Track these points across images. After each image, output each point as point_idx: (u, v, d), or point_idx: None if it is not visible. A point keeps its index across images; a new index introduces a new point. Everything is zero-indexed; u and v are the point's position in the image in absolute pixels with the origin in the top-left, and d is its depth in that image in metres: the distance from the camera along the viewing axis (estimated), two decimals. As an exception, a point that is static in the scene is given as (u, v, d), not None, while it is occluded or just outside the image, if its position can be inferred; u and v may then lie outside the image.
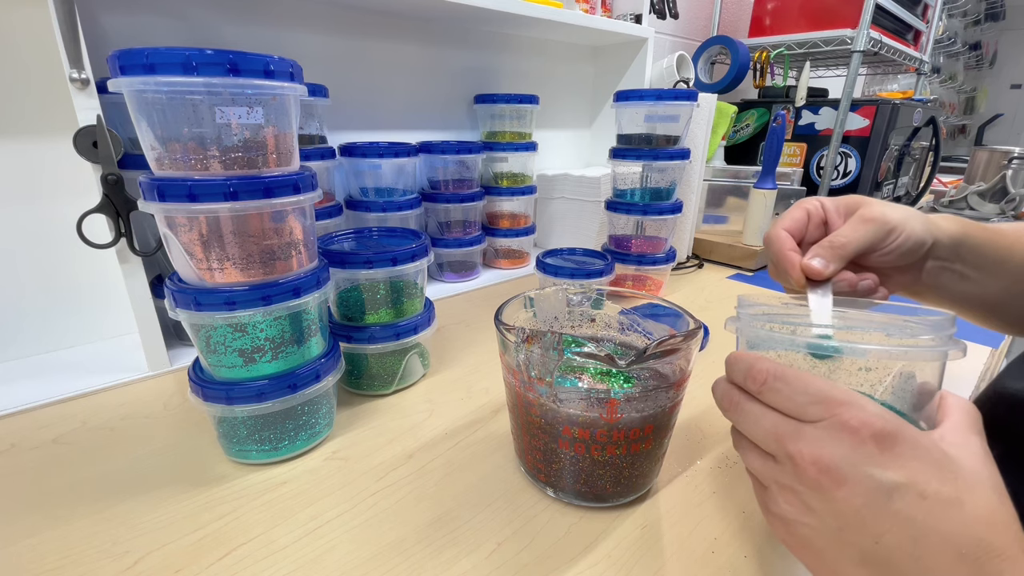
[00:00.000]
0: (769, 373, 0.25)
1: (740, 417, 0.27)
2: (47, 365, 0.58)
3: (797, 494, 0.24)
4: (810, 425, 0.24)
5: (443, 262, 0.88)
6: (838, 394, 0.23)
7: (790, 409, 0.25)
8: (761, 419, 0.26)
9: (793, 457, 0.24)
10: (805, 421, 0.24)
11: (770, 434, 0.25)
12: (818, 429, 0.23)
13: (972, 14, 2.81)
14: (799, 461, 0.23)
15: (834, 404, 0.23)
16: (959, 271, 0.39)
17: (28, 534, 0.36)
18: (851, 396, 0.23)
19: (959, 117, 3.60)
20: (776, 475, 0.25)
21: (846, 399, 0.23)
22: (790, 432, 0.24)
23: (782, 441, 0.24)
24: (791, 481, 0.24)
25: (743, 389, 0.27)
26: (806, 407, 0.24)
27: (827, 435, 0.23)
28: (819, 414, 0.23)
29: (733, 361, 0.28)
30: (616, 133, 0.81)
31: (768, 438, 0.25)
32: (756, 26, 1.33)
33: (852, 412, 0.23)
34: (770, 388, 0.25)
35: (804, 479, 0.23)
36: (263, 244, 0.39)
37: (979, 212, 1.60)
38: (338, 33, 0.77)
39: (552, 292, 0.44)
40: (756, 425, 0.26)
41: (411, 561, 0.34)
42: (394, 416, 0.50)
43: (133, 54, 0.33)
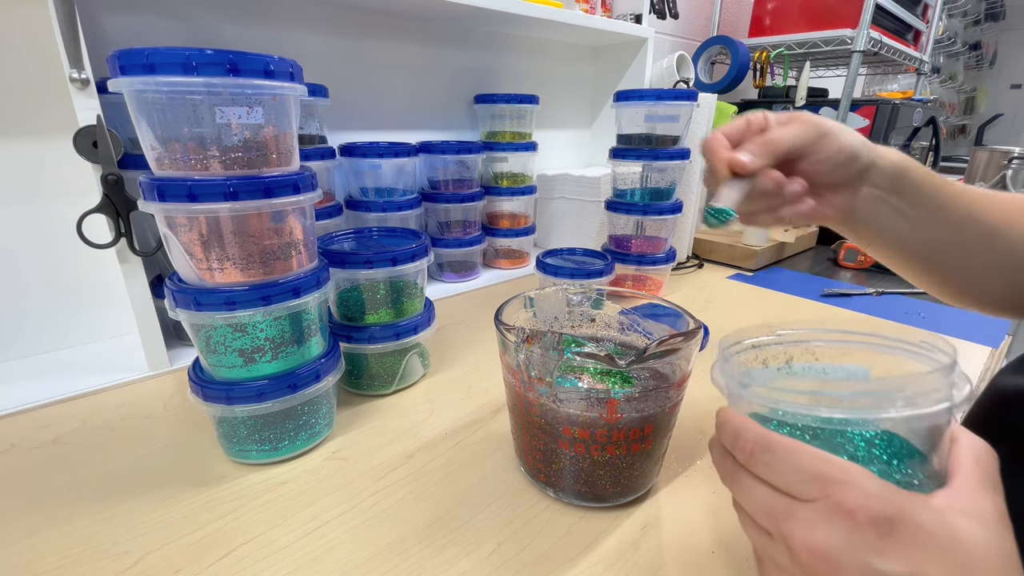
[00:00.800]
0: (756, 444, 0.24)
1: (735, 488, 0.26)
2: (47, 365, 0.58)
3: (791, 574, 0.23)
4: (803, 505, 0.22)
5: (443, 262, 0.88)
6: (832, 471, 0.21)
7: (781, 485, 0.23)
8: (753, 492, 0.24)
9: (786, 538, 0.22)
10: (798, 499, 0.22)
11: (763, 510, 0.24)
12: (811, 510, 0.22)
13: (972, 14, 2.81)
14: (792, 544, 0.22)
15: (828, 483, 0.21)
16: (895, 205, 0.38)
17: (28, 534, 0.36)
18: (846, 472, 0.21)
19: (959, 117, 3.60)
20: (771, 551, 0.24)
21: (841, 477, 0.21)
22: (782, 511, 0.23)
23: (774, 519, 0.23)
24: (786, 562, 0.23)
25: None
26: (798, 484, 0.22)
27: (821, 517, 0.21)
28: (812, 493, 0.22)
29: (721, 424, 0.26)
30: (616, 133, 0.81)
31: (761, 514, 0.24)
32: (756, 26, 1.33)
33: (848, 492, 0.21)
34: (758, 461, 0.24)
35: (798, 562, 0.22)
36: (263, 244, 0.39)
37: (979, 212, 1.60)
38: (338, 33, 0.77)
39: (552, 292, 0.44)
40: (749, 498, 0.24)
41: (411, 561, 0.34)
42: (394, 416, 0.50)
43: (133, 54, 0.33)
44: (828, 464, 0.22)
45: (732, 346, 0.30)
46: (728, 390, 0.27)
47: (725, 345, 0.30)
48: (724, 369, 0.28)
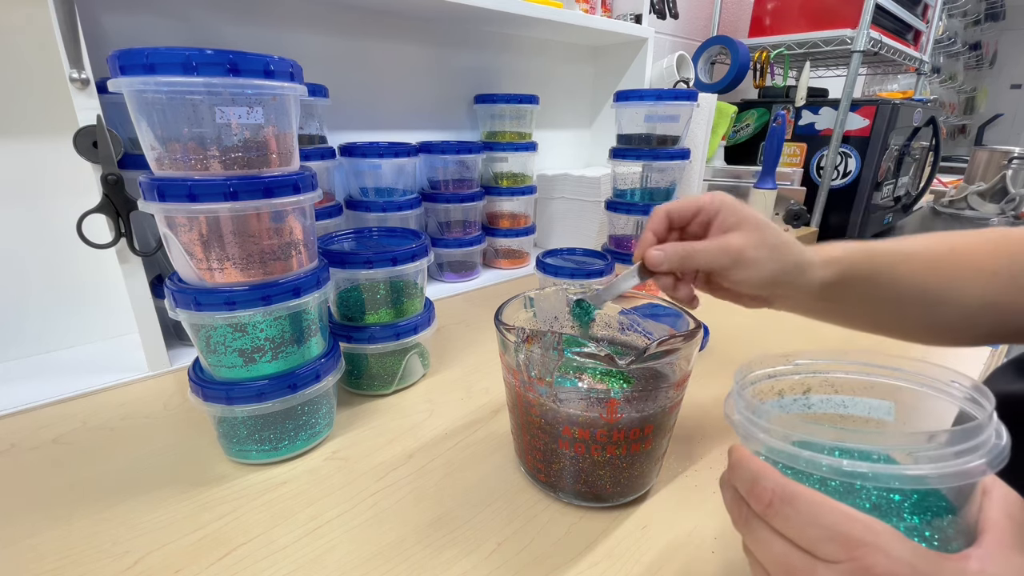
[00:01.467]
0: (775, 495, 0.22)
1: (748, 536, 0.24)
2: (47, 365, 0.58)
3: None
4: (825, 566, 0.20)
5: (443, 262, 0.88)
6: (859, 531, 0.20)
7: (802, 542, 0.21)
8: (770, 545, 0.22)
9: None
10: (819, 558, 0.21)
11: (780, 566, 0.22)
12: (835, 573, 0.20)
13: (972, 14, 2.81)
14: None
15: (854, 545, 0.20)
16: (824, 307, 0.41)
17: (28, 534, 0.36)
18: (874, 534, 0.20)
19: (959, 117, 3.60)
20: None
21: (868, 539, 0.20)
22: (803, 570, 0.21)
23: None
24: None
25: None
26: (820, 543, 0.21)
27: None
28: (836, 555, 0.20)
29: (735, 465, 0.24)
30: (616, 133, 0.81)
31: (778, 569, 0.22)
32: (756, 26, 1.33)
33: (876, 557, 0.19)
34: (776, 513, 0.22)
35: None
36: (263, 244, 0.39)
37: (979, 212, 1.60)
38: (338, 33, 0.77)
39: (552, 292, 0.44)
40: (764, 550, 0.23)
41: (411, 561, 0.34)
42: (394, 416, 0.50)
43: (133, 54, 0.33)
44: (854, 523, 0.20)
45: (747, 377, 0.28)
46: (742, 429, 0.25)
47: (740, 377, 0.28)
48: (738, 405, 0.26)
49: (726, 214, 0.37)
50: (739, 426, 0.26)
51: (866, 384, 0.27)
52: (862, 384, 0.27)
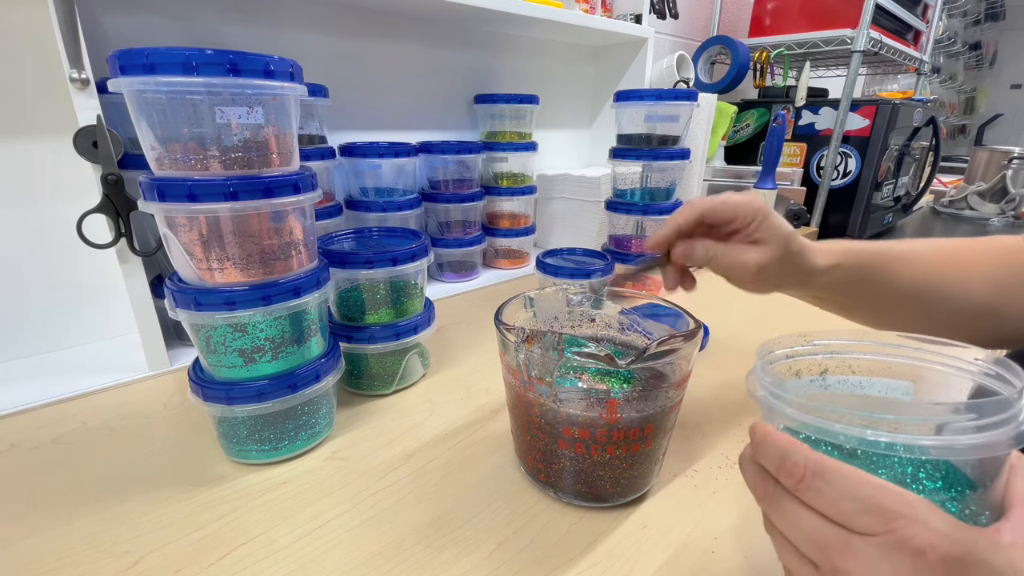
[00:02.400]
0: (808, 469, 0.21)
1: (775, 513, 0.23)
2: (47, 365, 0.58)
3: None
4: (861, 538, 0.20)
5: (443, 262, 0.88)
6: (895, 503, 0.20)
7: (835, 515, 0.21)
8: (800, 521, 0.22)
9: (840, 574, 0.20)
10: (854, 531, 0.20)
11: (812, 541, 0.21)
12: (871, 546, 0.20)
13: (972, 14, 2.81)
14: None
15: (891, 516, 0.19)
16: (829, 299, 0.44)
17: (28, 534, 0.36)
18: (911, 505, 0.20)
19: (959, 117, 3.60)
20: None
21: (906, 511, 0.19)
22: (837, 544, 0.21)
23: (827, 553, 0.21)
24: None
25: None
26: (855, 515, 0.20)
27: (883, 554, 0.19)
28: (872, 527, 0.20)
29: (760, 441, 0.24)
30: (616, 133, 0.81)
31: (809, 545, 0.22)
32: (756, 26, 1.33)
33: (915, 529, 0.19)
34: (809, 487, 0.21)
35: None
36: (263, 244, 0.39)
37: (979, 212, 1.60)
38: (338, 33, 0.77)
39: (552, 292, 0.44)
40: (794, 527, 0.22)
41: (411, 561, 0.34)
42: (394, 416, 0.50)
43: (133, 54, 0.33)
44: (890, 495, 0.20)
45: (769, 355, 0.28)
46: (766, 403, 0.25)
47: (763, 354, 0.28)
48: (762, 380, 0.26)
49: (756, 227, 0.39)
50: (764, 401, 0.25)
51: (884, 365, 0.27)
52: (880, 365, 0.27)
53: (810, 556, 0.22)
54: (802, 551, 0.22)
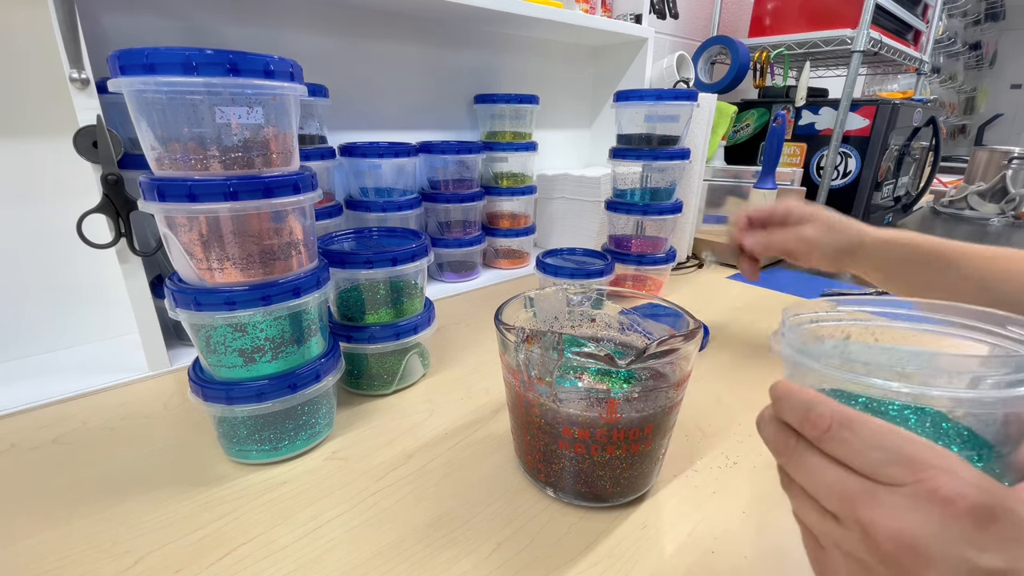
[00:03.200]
0: (834, 419, 0.21)
1: (796, 467, 0.23)
2: (47, 365, 0.58)
3: (866, 567, 0.20)
4: (887, 489, 0.20)
5: (443, 262, 0.88)
6: (925, 453, 0.19)
7: (861, 466, 0.20)
8: (823, 473, 0.22)
9: (865, 526, 0.20)
10: (880, 482, 0.20)
11: (835, 492, 0.21)
12: (899, 496, 0.19)
13: (972, 14, 2.81)
14: (873, 532, 0.19)
15: (921, 466, 0.19)
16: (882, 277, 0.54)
17: (28, 534, 0.36)
18: (940, 457, 0.19)
19: (959, 117, 3.60)
20: (839, 539, 0.21)
21: (935, 460, 0.19)
22: (862, 495, 0.20)
23: (851, 504, 0.20)
24: (860, 551, 0.20)
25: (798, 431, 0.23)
26: (882, 466, 0.20)
27: (911, 504, 0.19)
28: (900, 477, 0.19)
29: (784, 397, 0.23)
30: (616, 133, 0.81)
31: (832, 497, 0.21)
32: (756, 26, 1.33)
33: (944, 479, 0.19)
34: (834, 438, 0.21)
35: (879, 553, 0.19)
36: (263, 244, 0.39)
37: (979, 212, 1.60)
38: (338, 33, 0.77)
39: (552, 292, 0.44)
40: (816, 479, 0.22)
41: (411, 561, 0.34)
42: (394, 416, 0.50)
43: (133, 54, 0.33)
44: (919, 446, 0.20)
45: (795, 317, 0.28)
46: (791, 360, 0.25)
47: (789, 315, 0.27)
48: (788, 338, 0.26)
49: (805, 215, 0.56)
50: (789, 359, 0.25)
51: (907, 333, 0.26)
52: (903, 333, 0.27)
53: (832, 508, 0.21)
54: (824, 504, 0.22)
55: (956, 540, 0.18)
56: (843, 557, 0.21)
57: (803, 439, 0.23)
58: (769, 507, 0.38)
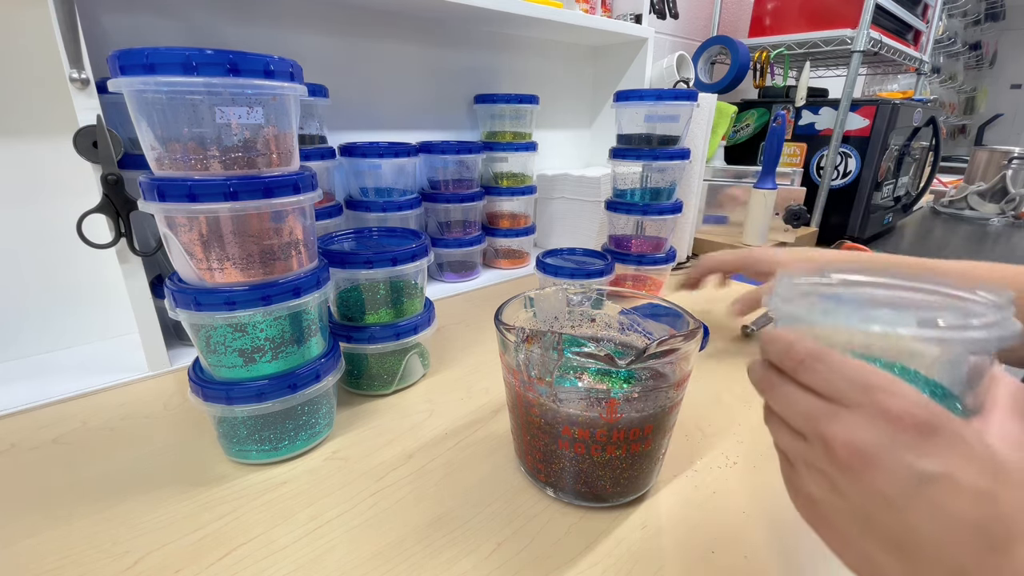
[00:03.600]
0: (808, 353, 0.24)
1: (775, 397, 0.27)
2: (47, 365, 0.58)
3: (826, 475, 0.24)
4: (847, 409, 0.23)
5: (443, 262, 0.88)
6: (881, 380, 0.22)
7: (827, 391, 0.24)
8: (795, 399, 0.25)
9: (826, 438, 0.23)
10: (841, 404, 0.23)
11: (802, 414, 0.25)
12: (855, 414, 0.23)
13: (972, 14, 2.81)
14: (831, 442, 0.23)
15: (875, 390, 0.22)
16: None
17: (28, 534, 0.36)
18: (894, 383, 0.22)
19: (959, 117, 3.60)
20: (805, 455, 0.25)
21: (889, 386, 0.22)
22: (825, 414, 0.23)
23: (815, 422, 0.24)
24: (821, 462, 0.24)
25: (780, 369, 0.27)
26: (844, 391, 0.23)
27: (864, 420, 0.22)
28: (858, 399, 0.23)
29: (771, 340, 0.27)
30: (616, 133, 0.81)
31: (801, 418, 0.25)
32: (756, 26, 1.33)
33: (894, 400, 0.22)
34: (807, 368, 0.24)
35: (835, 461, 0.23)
36: (263, 244, 0.39)
37: (979, 212, 1.60)
38: (338, 33, 0.77)
39: (552, 292, 0.44)
40: (789, 405, 0.25)
41: (411, 561, 0.34)
42: (394, 416, 0.50)
43: (133, 54, 0.33)
44: (877, 374, 0.23)
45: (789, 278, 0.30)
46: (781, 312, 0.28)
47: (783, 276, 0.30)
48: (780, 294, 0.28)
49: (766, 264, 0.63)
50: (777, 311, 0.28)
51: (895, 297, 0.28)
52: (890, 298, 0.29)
53: (800, 429, 0.25)
54: (794, 426, 0.25)
55: (900, 448, 0.21)
56: (808, 470, 0.25)
57: (783, 375, 0.26)
58: (769, 506, 0.38)
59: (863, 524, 0.23)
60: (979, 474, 0.21)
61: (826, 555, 0.24)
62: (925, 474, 0.21)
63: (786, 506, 0.26)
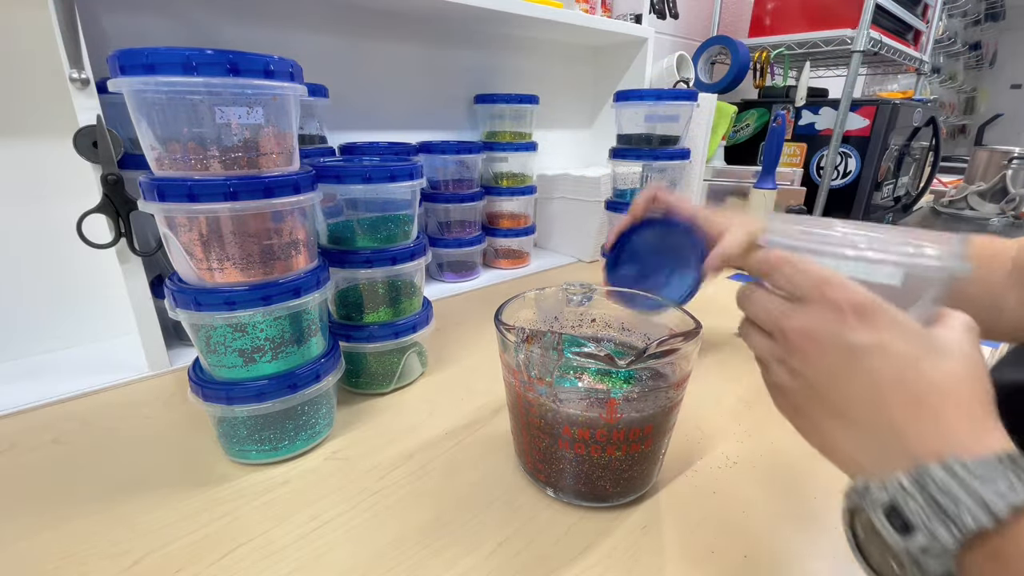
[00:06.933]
0: (780, 258, 0.28)
1: (749, 304, 0.30)
2: (47, 365, 0.58)
3: (785, 363, 0.28)
4: (803, 305, 0.27)
5: (443, 262, 0.88)
6: (835, 278, 0.26)
7: (790, 291, 0.27)
8: (764, 301, 0.29)
9: (785, 331, 0.27)
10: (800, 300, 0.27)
11: (770, 313, 0.28)
12: (808, 307, 0.26)
13: (972, 14, 2.81)
14: (788, 332, 0.27)
15: (827, 286, 0.26)
16: None
17: (28, 534, 0.36)
18: (844, 281, 0.26)
19: (959, 117, 3.60)
20: (772, 350, 0.29)
21: (838, 282, 0.26)
22: (787, 311, 0.27)
23: (778, 319, 0.28)
24: (782, 353, 0.28)
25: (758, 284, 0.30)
26: (804, 289, 0.26)
27: (815, 310, 0.26)
28: (814, 295, 0.26)
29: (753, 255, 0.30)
30: (616, 133, 0.81)
31: (767, 318, 0.28)
32: (756, 26, 1.33)
33: (840, 292, 0.25)
34: (777, 271, 0.28)
35: (790, 347, 0.27)
36: (263, 244, 0.39)
37: (979, 212, 1.60)
38: (338, 33, 0.77)
39: (552, 292, 0.44)
40: (759, 307, 0.29)
41: (411, 561, 0.34)
42: (394, 416, 0.50)
43: (133, 54, 0.33)
44: (831, 274, 0.26)
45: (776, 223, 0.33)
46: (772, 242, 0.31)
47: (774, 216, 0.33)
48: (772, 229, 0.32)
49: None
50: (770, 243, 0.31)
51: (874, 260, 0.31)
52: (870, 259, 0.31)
53: (767, 327, 0.29)
54: (762, 326, 0.29)
55: (840, 329, 0.25)
56: (774, 363, 0.29)
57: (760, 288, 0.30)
58: (769, 506, 0.38)
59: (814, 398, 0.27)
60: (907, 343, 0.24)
61: (826, 555, 0.24)
62: (857, 345, 0.24)
63: (786, 506, 0.26)
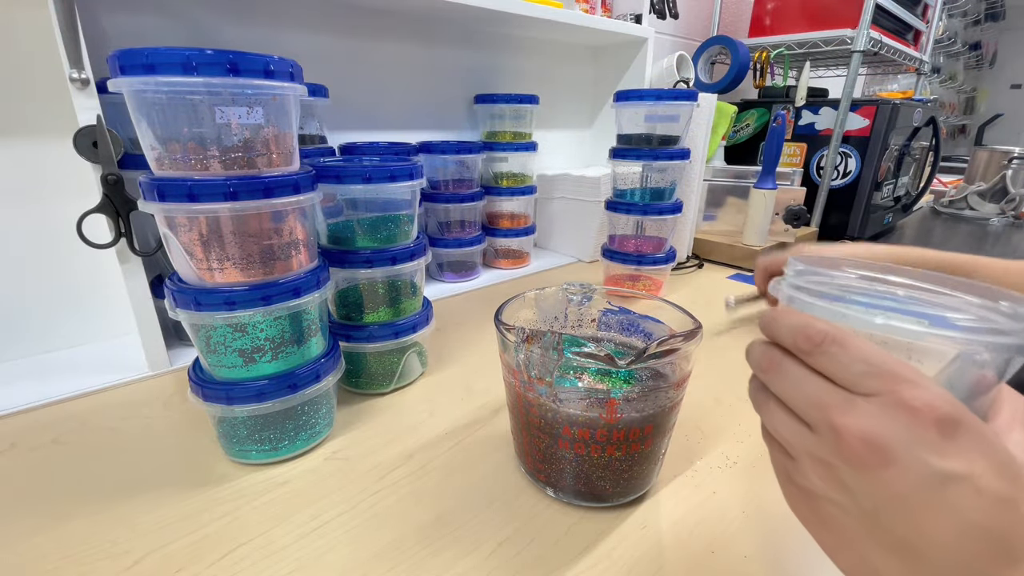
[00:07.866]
0: (827, 335, 0.22)
1: (779, 379, 0.24)
2: (47, 365, 0.58)
3: (832, 469, 0.22)
4: (863, 398, 0.21)
5: (443, 262, 0.88)
6: (901, 369, 0.21)
7: (843, 378, 0.22)
8: (804, 384, 0.23)
9: (838, 429, 0.21)
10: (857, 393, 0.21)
11: (812, 402, 0.22)
12: (872, 404, 0.21)
13: (972, 14, 2.81)
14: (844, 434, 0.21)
15: (895, 379, 0.21)
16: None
17: (28, 534, 0.36)
18: (915, 373, 0.21)
19: (959, 117, 3.60)
20: (809, 446, 0.23)
21: (910, 376, 0.21)
22: (839, 402, 0.21)
23: (826, 411, 0.22)
24: (828, 454, 0.22)
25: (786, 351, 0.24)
26: (862, 378, 0.21)
27: (882, 411, 0.20)
28: (876, 388, 0.21)
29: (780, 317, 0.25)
30: (616, 133, 0.81)
31: (809, 406, 0.23)
32: (756, 26, 1.33)
33: (916, 392, 0.20)
34: (825, 352, 0.22)
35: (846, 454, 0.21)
36: (263, 244, 0.39)
37: (979, 212, 1.60)
38: (338, 33, 0.77)
39: (552, 292, 0.44)
40: (797, 389, 0.23)
41: (411, 561, 0.34)
42: (394, 416, 0.50)
43: (133, 54, 0.33)
44: (902, 364, 0.21)
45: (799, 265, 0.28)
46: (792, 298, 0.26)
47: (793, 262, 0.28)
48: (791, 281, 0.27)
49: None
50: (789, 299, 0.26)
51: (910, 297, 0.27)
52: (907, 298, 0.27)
53: (808, 417, 0.23)
54: (800, 413, 0.23)
55: (919, 444, 0.20)
56: (812, 463, 0.23)
57: (789, 355, 0.24)
58: (769, 506, 0.38)
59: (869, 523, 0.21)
60: (1000, 478, 0.19)
61: (825, 555, 0.24)
62: (946, 474, 0.19)
63: (786, 506, 0.26)
